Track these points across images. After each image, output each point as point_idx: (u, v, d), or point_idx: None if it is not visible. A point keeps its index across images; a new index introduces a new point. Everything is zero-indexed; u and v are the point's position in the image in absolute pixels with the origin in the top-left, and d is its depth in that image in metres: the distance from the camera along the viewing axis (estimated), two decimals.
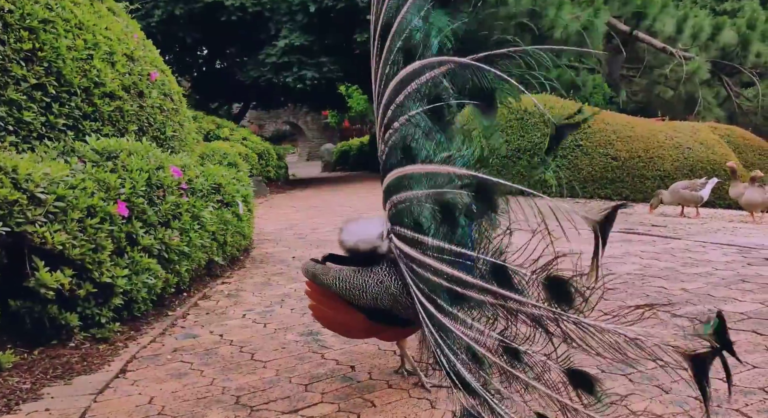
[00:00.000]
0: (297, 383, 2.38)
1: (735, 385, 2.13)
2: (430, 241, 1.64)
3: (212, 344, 2.94)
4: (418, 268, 1.73)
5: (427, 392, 2.24)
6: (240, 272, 4.63)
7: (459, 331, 1.60)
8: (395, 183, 1.79)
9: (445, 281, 1.60)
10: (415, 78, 1.60)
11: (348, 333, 2.38)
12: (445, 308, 1.65)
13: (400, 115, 1.71)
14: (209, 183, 4.27)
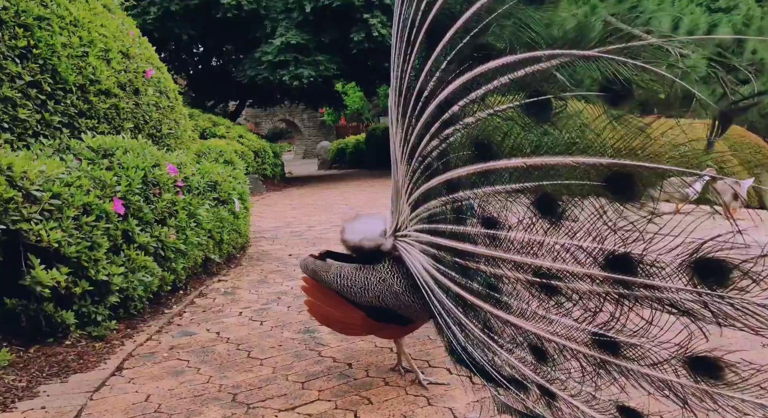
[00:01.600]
0: (294, 381, 2.39)
1: None
2: (521, 236, 1.56)
3: (209, 341, 2.94)
4: (482, 265, 1.66)
5: (424, 389, 2.25)
6: (236, 270, 4.62)
7: (528, 326, 1.58)
8: (458, 181, 1.71)
9: (532, 276, 1.54)
10: (503, 74, 1.52)
11: (345, 330, 2.37)
12: (510, 306, 1.62)
13: (472, 111, 1.62)
14: (205, 181, 4.26)
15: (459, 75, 1.63)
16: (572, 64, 1.39)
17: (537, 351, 1.60)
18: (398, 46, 1.87)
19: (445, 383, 2.31)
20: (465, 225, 1.72)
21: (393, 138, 2.01)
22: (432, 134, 1.75)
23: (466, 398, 2.15)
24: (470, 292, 1.72)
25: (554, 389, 1.55)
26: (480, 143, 1.61)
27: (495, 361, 1.69)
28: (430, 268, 1.87)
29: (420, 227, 1.91)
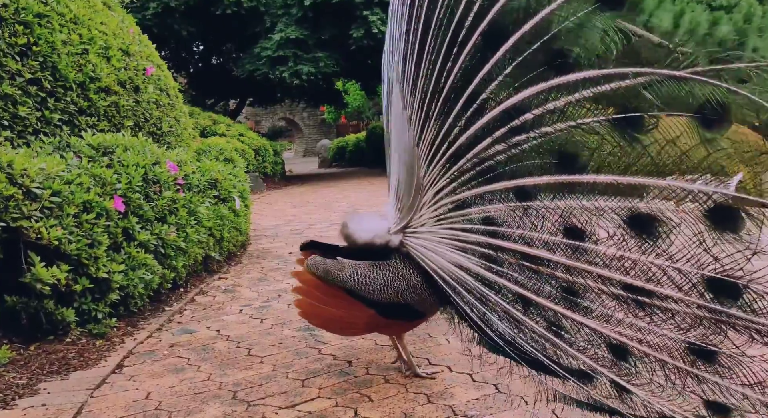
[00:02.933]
0: (294, 379, 2.39)
1: None
2: (611, 251, 1.54)
3: (209, 339, 2.94)
4: (559, 272, 1.66)
5: (424, 387, 2.25)
6: (237, 268, 4.62)
7: (609, 331, 1.58)
8: (534, 189, 1.69)
9: (620, 290, 1.54)
10: (586, 87, 1.50)
11: (345, 330, 2.35)
12: (592, 310, 1.62)
13: (551, 121, 1.59)
14: (206, 179, 4.26)
15: (532, 83, 1.59)
16: (660, 83, 1.36)
17: (618, 350, 1.59)
18: (427, 45, 1.85)
19: (440, 371, 2.32)
20: (540, 232, 1.69)
21: (405, 138, 2.02)
22: (496, 139, 1.72)
23: (466, 395, 2.16)
24: (538, 294, 1.73)
25: (630, 387, 1.56)
26: (564, 154, 1.58)
27: (557, 354, 1.71)
28: (471, 266, 1.88)
29: (466, 227, 1.90)
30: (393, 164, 2.15)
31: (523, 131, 1.66)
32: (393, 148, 2.15)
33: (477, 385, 2.24)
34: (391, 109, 2.14)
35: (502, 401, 2.09)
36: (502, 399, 2.11)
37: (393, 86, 2.11)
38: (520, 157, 1.69)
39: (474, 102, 1.77)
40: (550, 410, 2.01)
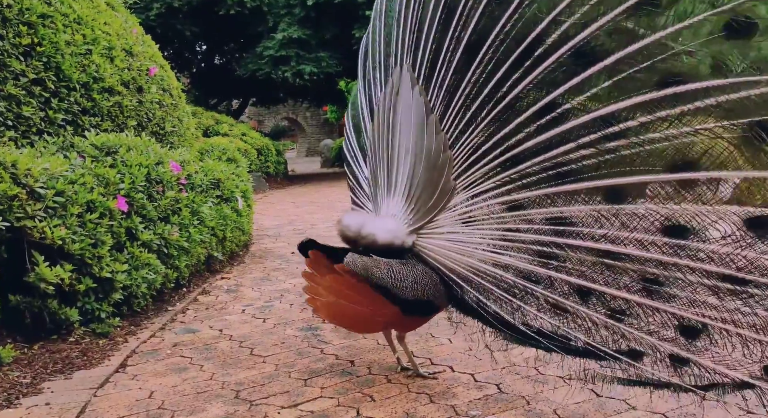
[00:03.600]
0: (296, 378, 2.39)
1: None
2: (722, 249, 1.59)
3: (212, 339, 2.95)
4: (651, 267, 1.72)
5: (426, 387, 2.25)
6: (239, 268, 4.63)
7: (690, 313, 1.66)
8: (629, 189, 1.74)
9: (719, 281, 1.61)
10: (708, 96, 1.53)
11: (366, 327, 2.28)
12: (676, 297, 1.69)
13: (662, 127, 1.62)
14: (208, 178, 4.27)
15: (636, 95, 1.63)
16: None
17: (692, 330, 1.66)
18: (481, 55, 1.93)
19: (442, 371, 2.32)
20: (632, 232, 1.72)
21: (425, 142, 2.07)
22: (583, 144, 1.76)
23: (468, 395, 2.16)
24: (611, 285, 1.78)
25: (696, 358, 1.65)
26: (683, 161, 1.61)
27: (611, 338, 1.80)
28: (518, 263, 1.94)
29: (520, 227, 1.94)
30: (397, 166, 2.17)
31: (622, 137, 1.68)
32: (393, 150, 2.18)
33: (479, 385, 2.24)
34: (395, 112, 2.18)
35: (504, 401, 2.09)
36: (504, 399, 2.11)
37: (399, 90, 2.16)
38: (617, 161, 1.71)
39: (552, 111, 1.82)
40: (551, 409, 2.01)
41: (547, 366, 2.36)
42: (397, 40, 2.21)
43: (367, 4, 12.35)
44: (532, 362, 2.42)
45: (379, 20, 2.36)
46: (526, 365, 2.39)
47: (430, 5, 2.07)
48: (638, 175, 1.67)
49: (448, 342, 2.74)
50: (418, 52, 2.12)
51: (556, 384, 2.19)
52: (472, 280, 2.04)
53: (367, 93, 2.45)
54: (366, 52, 2.49)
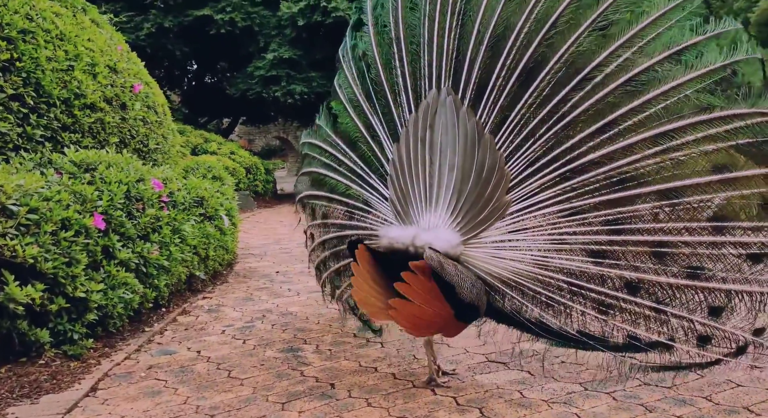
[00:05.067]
0: (274, 402, 2.32)
1: (719, 403, 2.09)
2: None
3: (189, 361, 2.86)
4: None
5: (407, 410, 2.18)
6: (222, 287, 4.55)
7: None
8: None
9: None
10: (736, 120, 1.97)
11: (428, 329, 2.30)
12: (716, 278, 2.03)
13: (714, 141, 1.99)
14: (192, 196, 4.21)
15: (695, 115, 2.01)
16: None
17: (716, 310, 2.00)
18: (538, 80, 2.18)
19: (423, 394, 2.25)
20: (688, 221, 2.05)
21: (476, 159, 2.23)
22: (647, 155, 2.05)
23: (448, 415, 2.09)
24: (660, 274, 2.05)
25: (720, 328, 1.99)
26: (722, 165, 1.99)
27: (654, 327, 2.07)
28: (570, 264, 2.13)
29: (577, 230, 2.14)
30: (438, 182, 2.29)
31: (682, 149, 2.02)
32: (433, 167, 2.31)
33: (461, 408, 2.18)
34: (432, 131, 2.34)
35: None
36: None
37: (437, 110, 2.34)
38: (674, 166, 2.04)
39: (616, 127, 2.09)
40: None
41: (531, 389, 2.31)
42: (430, 66, 2.40)
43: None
44: (516, 385, 2.37)
45: (399, 51, 2.51)
46: (510, 389, 2.33)
47: (471, 37, 2.30)
48: (693, 178, 2.00)
49: None
50: (459, 77, 2.32)
51: (539, 408, 2.13)
52: (518, 285, 2.19)
53: (381, 115, 2.58)
54: (371, 83, 2.63)
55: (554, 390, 2.30)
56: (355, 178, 2.62)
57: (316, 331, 3.31)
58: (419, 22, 2.46)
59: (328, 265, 2.95)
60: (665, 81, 2.02)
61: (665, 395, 2.19)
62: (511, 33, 2.22)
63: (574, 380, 2.39)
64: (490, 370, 2.57)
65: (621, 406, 2.11)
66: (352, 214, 2.65)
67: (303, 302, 4.02)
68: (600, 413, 2.06)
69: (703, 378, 2.34)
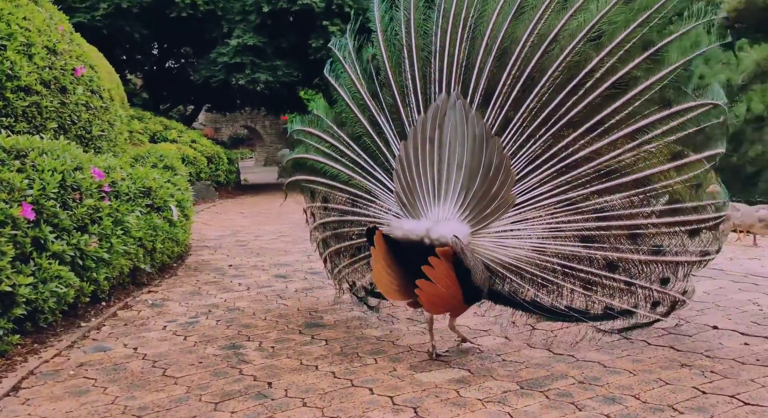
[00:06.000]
0: (207, 402, 2.25)
1: (646, 402, 2.13)
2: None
3: (123, 358, 2.75)
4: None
5: (342, 410, 2.14)
6: (170, 281, 4.41)
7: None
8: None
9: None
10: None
11: (444, 308, 2.56)
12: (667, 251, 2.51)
13: (670, 133, 2.40)
14: (137, 186, 4.05)
15: (658, 111, 2.39)
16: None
17: (666, 280, 2.47)
18: (539, 87, 2.47)
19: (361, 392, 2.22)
20: (655, 206, 2.45)
21: (484, 157, 2.49)
22: (627, 149, 2.42)
23: (382, 415, 2.07)
24: (634, 252, 2.44)
25: (669, 294, 2.49)
26: (676, 151, 2.46)
27: (628, 299, 2.51)
28: (563, 248, 2.46)
29: (570, 218, 2.45)
30: (447, 178, 2.53)
31: (652, 142, 2.36)
32: (442, 164, 2.55)
33: (396, 408, 2.15)
34: (441, 131, 2.58)
35: None
36: None
37: (447, 113, 2.59)
38: (646, 157, 2.38)
39: (602, 125, 2.40)
40: None
41: (468, 388, 2.31)
42: (441, 72, 2.66)
43: (325, 14, 12.31)
44: (454, 384, 2.36)
45: (410, 57, 2.78)
46: (448, 388, 2.33)
47: (480, 48, 2.58)
48: (658, 166, 2.38)
49: (373, 362, 2.65)
50: (468, 83, 2.60)
51: (473, 407, 2.13)
52: (519, 270, 2.48)
53: (388, 114, 2.82)
54: (379, 85, 2.90)
55: (491, 389, 2.30)
56: (359, 170, 2.85)
57: (262, 327, 3.24)
58: (432, 32, 2.72)
59: (329, 244, 3.18)
60: (641, 81, 2.34)
61: (596, 394, 2.22)
62: (516, 46, 2.50)
63: (512, 379, 2.41)
64: (431, 368, 2.56)
65: (552, 404, 2.13)
66: (354, 202, 2.89)
67: (252, 297, 3.94)
68: (532, 412, 2.07)
69: (635, 376, 2.38)
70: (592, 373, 2.44)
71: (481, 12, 2.64)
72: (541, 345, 2.80)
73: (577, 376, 2.40)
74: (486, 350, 2.75)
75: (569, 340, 2.80)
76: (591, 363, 2.55)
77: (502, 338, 2.95)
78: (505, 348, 2.79)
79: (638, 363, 2.53)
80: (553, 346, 2.78)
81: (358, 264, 3.10)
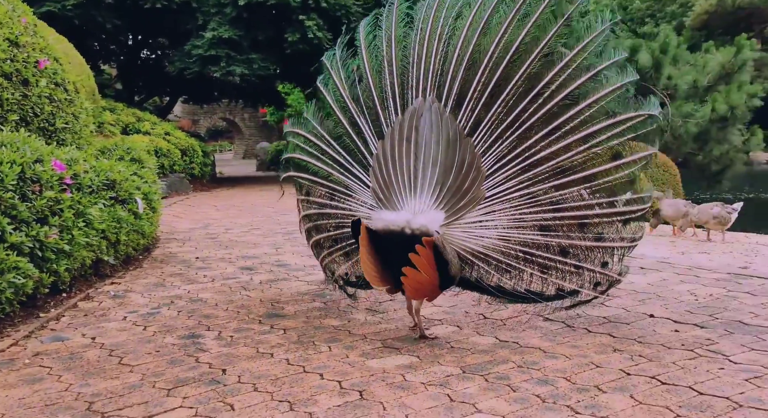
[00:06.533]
0: (160, 388, 2.32)
1: (575, 383, 2.27)
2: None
3: (80, 347, 2.80)
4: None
5: (291, 394, 2.24)
6: (135, 272, 4.44)
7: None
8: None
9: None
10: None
11: (425, 294, 2.77)
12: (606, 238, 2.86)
13: (614, 137, 2.79)
14: (100, 179, 4.07)
15: (607, 118, 2.76)
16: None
17: (606, 264, 2.86)
18: (505, 94, 2.78)
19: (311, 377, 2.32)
20: (599, 198, 2.81)
21: (458, 156, 2.74)
22: (580, 151, 2.76)
23: (330, 402, 2.17)
24: (581, 240, 2.80)
25: (609, 276, 2.88)
26: (616, 152, 2.82)
27: (575, 279, 2.86)
28: (525, 237, 2.76)
29: (532, 210, 2.74)
30: (422, 174, 2.75)
31: (599, 145, 2.72)
32: (418, 162, 2.77)
33: (343, 391, 2.26)
34: (417, 132, 2.82)
35: (362, 408, 2.12)
36: (363, 406, 2.14)
37: (423, 115, 2.83)
38: (593, 157, 2.74)
39: (560, 130, 2.73)
40: (404, 415, 2.05)
41: (415, 373, 2.42)
42: (418, 79, 2.93)
43: (301, 8, 12.29)
44: (402, 369, 2.47)
45: (390, 66, 3.05)
46: (395, 372, 2.44)
47: (453, 58, 2.84)
48: (602, 165, 2.74)
49: (327, 350, 2.75)
50: (443, 89, 2.86)
51: (416, 390, 2.25)
52: (486, 257, 2.75)
53: (367, 116, 3.07)
54: (361, 90, 3.14)
55: (435, 373, 2.42)
56: (338, 166, 3.09)
57: (223, 317, 3.31)
58: (410, 46, 3.01)
59: (311, 234, 3.40)
60: (591, 95, 2.70)
61: (532, 376, 2.35)
62: (485, 57, 2.79)
63: (457, 364, 2.53)
64: (382, 355, 2.67)
65: (490, 387, 2.26)
66: (332, 195, 3.12)
67: (216, 288, 4.00)
68: (469, 394, 2.20)
69: (570, 360, 2.52)
70: (532, 358, 2.57)
71: (453, 28, 2.94)
72: (490, 333, 2.94)
73: (518, 361, 2.54)
74: (438, 338, 2.87)
75: (517, 328, 2.93)
76: (533, 349, 2.68)
77: (455, 326, 3.08)
78: (455, 336, 2.92)
79: (575, 349, 2.67)
80: (500, 333, 2.92)
81: (335, 255, 3.29)
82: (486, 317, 3.20)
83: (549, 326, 3.03)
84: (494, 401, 2.14)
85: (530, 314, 3.17)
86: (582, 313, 3.20)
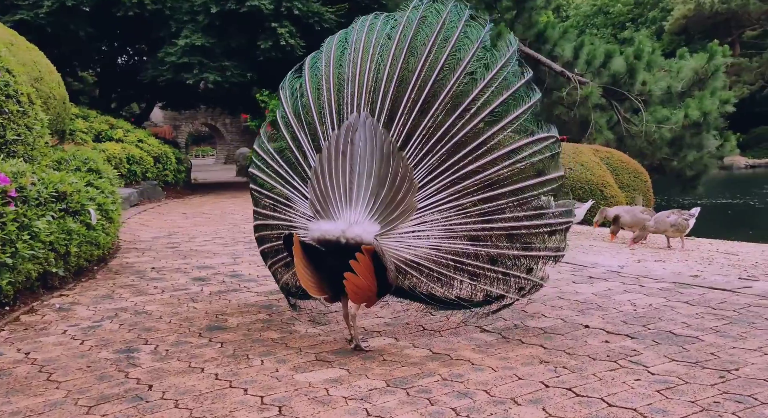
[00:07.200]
0: (82, 405, 2.32)
1: (494, 396, 2.32)
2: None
3: (11, 363, 2.78)
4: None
5: (209, 411, 2.25)
6: (86, 284, 4.42)
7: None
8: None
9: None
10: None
11: (365, 299, 2.80)
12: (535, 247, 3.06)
13: (533, 155, 3.01)
14: (49, 191, 4.05)
15: (524, 137, 2.99)
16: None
17: (531, 270, 3.06)
18: (433, 112, 2.94)
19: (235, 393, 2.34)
20: (525, 211, 2.98)
21: (391, 168, 2.85)
22: (505, 166, 2.93)
23: (247, 415, 2.18)
24: (509, 249, 2.97)
25: (534, 280, 3.09)
26: (539, 169, 3.02)
27: (503, 285, 3.04)
28: (456, 246, 2.88)
29: (461, 221, 2.87)
30: (357, 186, 2.85)
31: (523, 161, 2.92)
32: (353, 174, 2.87)
33: (263, 407, 2.28)
34: (352, 146, 2.92)
35: None
36: None
37: (357, 129, 2.94)
38: (519, 172, 2.92)
39: (486, 145, 2.89)
40: None
41: (339, 387, 2.45)
42: (353, 96, 3.04)
43: (274, 16, 12.31)
44: (327, 383, 2.50)
45: (327, 84, 3.16)
46: (320, 386, 2.46)
47: (384, 76, 2.96)
48: (528, 180, 2.93)
49: (259, 364, 2.76)
50: (376, 105, 2.98)
51: (336, 404, 2.27)
52: (419, 266, 2.85)
53: (306, 131, 3.19)
54: (302, 106, 3.28)
55: (359, 387, 2.45)
56: (279, 179, 3.22)
57: (163, 331, 3.31)
58: (346, 64, 3.13)
59: (259, 244, 3.53)
60: (510, 114, 2.91)
61: (454, 389, 2.39)
62: (413, 75, 2.92)
63: (384, 377, 2.56)
64: (312, 368, 2.69)
65: (410, 400, 2.29)
66: (275, 207, 3.24)
67: (164, 300, 3.99)
68: (388, 408, 2.23)
69: (495, 373, 2.57)
70: (459, 370, 2.61)
71: (383, 47, 3.08)
72: (425, 345, 2.98)
73: (444, 373, 2.58)
74: (372, 350, 2.90)
75: (453, 339, 2.98)
76: (462, 361, 2.73)
77: (392, 338, 3.11)
78: (390, 348, 2.95)
79: (504, 360, 2.72)
80: (435, 345, 2.96)
81: (277, 265, 3.41)
82: (425, 329, 3.24)
83: (485, 337, 3.08)
84: (410, 415, 2.17)
85: (472, 325, 3.23)
86: (520, 323, 3.26)
